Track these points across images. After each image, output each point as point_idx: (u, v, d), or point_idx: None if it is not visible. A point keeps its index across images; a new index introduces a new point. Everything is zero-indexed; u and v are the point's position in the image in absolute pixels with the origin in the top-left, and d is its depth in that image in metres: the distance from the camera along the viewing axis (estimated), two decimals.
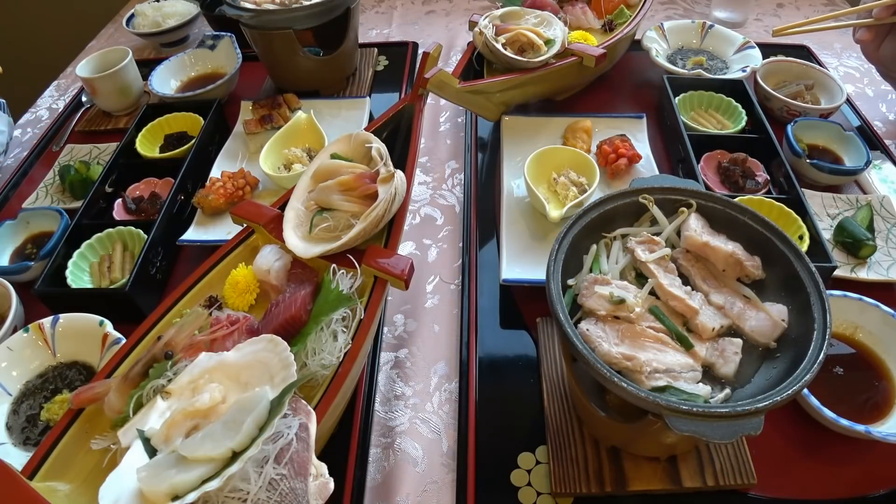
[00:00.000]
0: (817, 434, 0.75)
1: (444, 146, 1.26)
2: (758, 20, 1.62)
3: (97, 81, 1.28)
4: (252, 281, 0.76)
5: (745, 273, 0.70)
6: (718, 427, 0.54)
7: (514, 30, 1.16)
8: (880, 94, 1.36)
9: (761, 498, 0.71)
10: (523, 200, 1.05)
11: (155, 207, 1.07)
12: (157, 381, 0.62)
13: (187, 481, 0.49)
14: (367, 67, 1.43)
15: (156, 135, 1.22)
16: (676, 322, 0.67)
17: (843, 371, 0.79)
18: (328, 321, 0.69)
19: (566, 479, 0.71)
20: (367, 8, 1.75)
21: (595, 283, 0.68)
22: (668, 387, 0.61)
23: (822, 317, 0.61)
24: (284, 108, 1.22)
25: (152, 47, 1.63)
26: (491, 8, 1.30)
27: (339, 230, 0.78)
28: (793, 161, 1.07)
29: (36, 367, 0.84)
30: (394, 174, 0.76)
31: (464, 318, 0.91)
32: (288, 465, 0.52)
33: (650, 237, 0.73)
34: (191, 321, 0.68)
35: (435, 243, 1.06)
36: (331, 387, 0.65)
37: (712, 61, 1.37)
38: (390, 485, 0.76)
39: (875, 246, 0.94)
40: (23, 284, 0.95)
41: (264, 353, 0.60)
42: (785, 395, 0.55)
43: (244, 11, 1.19)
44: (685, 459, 0.72)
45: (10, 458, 0.74)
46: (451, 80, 1.02)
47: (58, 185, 1.17)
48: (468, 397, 0.82)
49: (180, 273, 1.02)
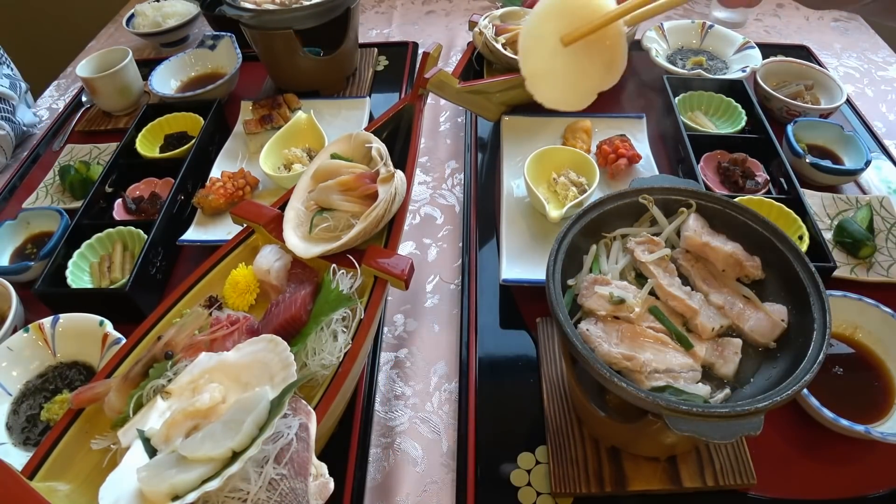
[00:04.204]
0: (817, 434, 0.75)
1: (444, 146, 1.26)
2: (758, 20, 1.62)
3: (97, 81, 1.28)
4: (252, 281, 0.76)
5: (745, 273, 0.70)
6: (718, 427, 0.54)
7: (514, 30, 1.16)
8: (880, 94, 1.37)
9: (761, 498, 0.71)
10: (523, 200, 1.05)
11: (155, 207, 1.07)
12: (157, 381, 0.62)
13: (187, 481, 0.49)
14: (367, 67, 1.44)
15: (156, 135, 1.22)
16: (676, 322, 0.67)
17: (843, 371, 0.79)
18: (328, 321, 0.69)
19: (566, 479, 0.71)
20: (367, 8, 1.75)
21: (595, 283, 0.68)
22: (667, 387, 0.61)
23: (822, 317, 0.61)
24: (284, 108, 1.22)
25: (152, 47, 1.63)
26: (491, 8, 1.30)
27: (339, 230, 0.78)
28: (793, 161, 1.07)
29: (36, 367, 0.84)
30: (394, 174, 0.76)
31: (464, 318, 0.91)
32: (288, 465, 0.52)
33: (650, 237, 0.73)
34: (191, 321, 0.68)
35: (435, 243, 1.06)
36: (331, 387, 0.65)
37: (712, 61, 1.37)
38: (390, 485, 0.76)
39: (875, 246, 0.94)
40: (23, 284, 0.95)
41: (264, 353, 0.60)
42: (785, 395, 0.55)
43: (244, 11, 1.19)
44: (685, 459, 0.72)
45: (10, 458, 0.74)
46: (451, 80, 1.02)
47: (58, 185, 1.17)
48: (468, 397, 0.82)
49: (180, 273, 1.02)
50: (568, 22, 0.62)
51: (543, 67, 0.65)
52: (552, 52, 0.64)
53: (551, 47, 0.64)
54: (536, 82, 0.66)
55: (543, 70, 0.66)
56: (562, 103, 0.67)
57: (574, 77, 0.66)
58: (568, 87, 0.67)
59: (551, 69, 0.66)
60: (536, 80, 0.66)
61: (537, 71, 0.66)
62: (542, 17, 0.64)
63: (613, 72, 0.66)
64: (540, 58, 0.65)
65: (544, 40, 0.64)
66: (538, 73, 0.66)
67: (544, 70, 0.66)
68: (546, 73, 0.66)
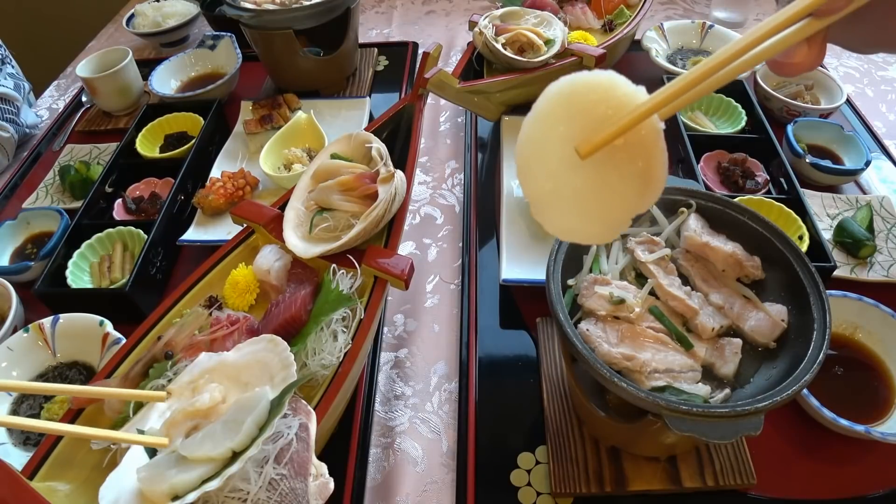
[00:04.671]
0: (817, 434, 0.75)
1: (444, 146, 1.26)
2: (758, 20, 1.61)
3: (97, 81, 1.28)
4: (252, 281, 0.76)
5: (745, 273, 0.70)
6: (718, 427, 0.54)
7: (514, 30, 1.16)
8: (880, 94, 1.36)
9: (761, 498, 0.71)
10: (523, 200, 1.05)
11: (155, 207, 1.07)
12: (157, 381, 0.62)
13: (187, 481, 0.49)
14: (367, 67, 1.44)
15: (156, 135, 1.22)
16: (676, 322, 0.67)
17: (843, 371, 0.79)
18: (328, 321, 0.69)
19: (566, 479, 0.71)
20: (367, 8, 1.75)
21: (595, 283, 0.68)
22: (667, 387, 0.61)
23: (822, 317, 0.61)
24: (284, 108, 1.22)
25: (152, 47, 1.63)
26: (491, 8, 1.30)
27: (339, 230, 0.78)
28: (793, 161, 1.07)
29: (36, 367, 0.84)
30: (394, 174, 0.76)
31: (464, 318, 0.91)
32: (288, 465, 0.52)
33: (650, 237, 0.73)
34: (191, 321, 0.68)
35: (435, 243, 1.06)
36: (331, 387, 0.65)
37: None
38: (390, 485, 0.76)
39: (875, 246, 0.94)
40: (23, 284, 0.95)
41: (264, 354, 0.60)
42: (785, 395, 0.55)
43: (244, 11, 1.19)
44: (685, 459, 0.72)
45: (10, 458, 0.74)
46: (451, 80, 1.02)
47: (58, 185, 1.17)
48: (468, 397, 0.82)
49: (180, 273, 1.02)
50: (581, 124, 0.43)
51: (552, 186, 0.45)
52: (563, 164, 0.44)
53: (561, 158, 0.44)
54: (544, 207, 0.46)
55: (552, 189, 0.45)
56: (582, 234, 0.48)
57: (597, 197, 0.45)
58: (590, 212, 0.46)
59: (563, 188, 0.45)
60: (543, 204, 0.46)
61: (544, 191, 0.45)
62: (544, 118, 0.44)
63: (652, 185, 0.43)
64: (546, 173, 0.45)
65: (551, 149, 0.44)
66: (545, 193, 0.46)
67: (554, 189, 0.45)
68: (557, 193, 0.45)
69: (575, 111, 0.43)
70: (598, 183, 0.44)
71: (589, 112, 0.43)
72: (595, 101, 0.43)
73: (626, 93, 0.42)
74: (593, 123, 0.42)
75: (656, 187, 0.43)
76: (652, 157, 0.42)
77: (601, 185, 0.44)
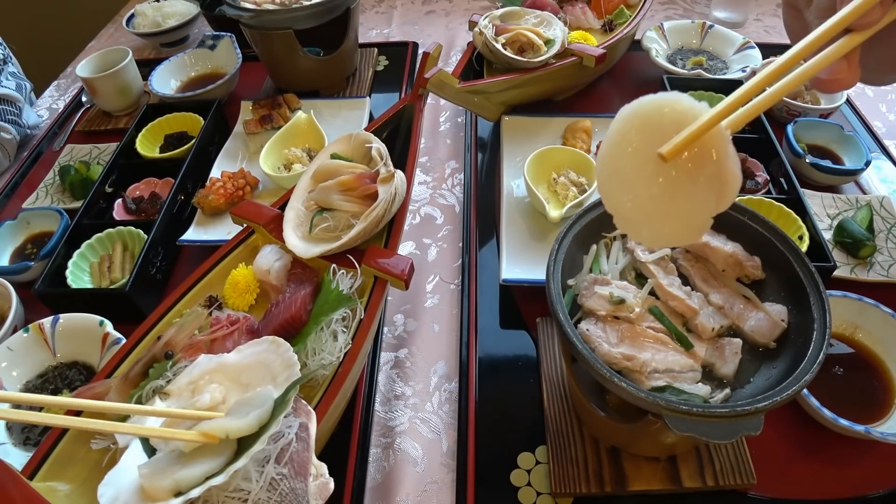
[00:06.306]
0: (817, 434, 0.75)
1: (444, 146, 1.26)
2: (758, 20, 1.62)
3: (97, 81, 1.28)
4: (252, 281, 0.76)
5: (745, 273, 0.70)
6: (718, 427, 0.54)
7: (514, 30, 1.16)
8: (880, 94, 1.36)
9: (761, 498, 0.71)
10: (523, 200, 1.05)
11: (155, 207, 1.07)
12: (157, 381, 0.62)
13: (191, 477, 0.49)
14: (367, 67, 1.44)
15: (156, 135, 1.22)
16: (676, 322, 0.67)
17: (843, 371, 0.79)
18: (328, 321, 0.69)
19: (566, 479, 0.71)
20: (367, 8, 1.75)
21: (595, 283, 0.68)
22: (667, 387, 0.61)
23: (822, 317, 0.61)
24: (284, 108, 1.22)
25: (152, 47, 1.63)
26: (491, 8, 1.30)
27: (339, 230, 0.78)
28: (793, 161, 1.07)
29: (36, 367, 0.84)
30: (394, 174, 0.76)
31: (464, 318, 0.91)
32: (288, 465, 0.52)
33: None
34: (191, 321, 0.68)
35: (435, 243, 1.06)
36: (331, 387, 0.65)
37: (712, 61, 1.37)
38: (390, 485, 0.76)
39: (875, 246, 0.94)
40: (23, 284, 0.95)
41: (266, 355, 0.59)
42: (785, 395, 0.55)
43: (244, 11, 1.19)
44: (685, 459, 0.72)
45: (10, 458, 0.74)
46: (451, 80, 1.02)
47: (58, 185, 1.17)
48: (468, 397, 0.82)
49: (180, 273, 1.02)
50: (656, 133, 0.45)
51: (645, 194, 0.46)
52: (647, 172, 0.46)
53: (643, 165, 0.46)
54: (636, 216, 0.48)
55: (645, 198, 0.46)
56: (674, 238, 0.50)
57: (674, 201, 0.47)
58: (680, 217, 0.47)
59: (653, 196, 0.46)
60: (637, 213, 0.48)
61: (639, 200, 0.47)
62: (625, 128, 0.47)
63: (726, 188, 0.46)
64: (635, 183, 0.47)
65: (635, 157, 0.46)
66: (639, 202, 0.47)
67: (647, 198, 0.46)
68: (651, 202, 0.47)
69: (649, 122, 0.46)
70: (678, 188, 0.46)
71: (659, 123, 0.46)
72: (666, 114, 0.45)
73: (691, 106, 0.44)
74: (665, 132, 0.45)
75: (731, 189, 0.45)
76: (721, 162, 0.45)
77: (680, 190, 0.46)
